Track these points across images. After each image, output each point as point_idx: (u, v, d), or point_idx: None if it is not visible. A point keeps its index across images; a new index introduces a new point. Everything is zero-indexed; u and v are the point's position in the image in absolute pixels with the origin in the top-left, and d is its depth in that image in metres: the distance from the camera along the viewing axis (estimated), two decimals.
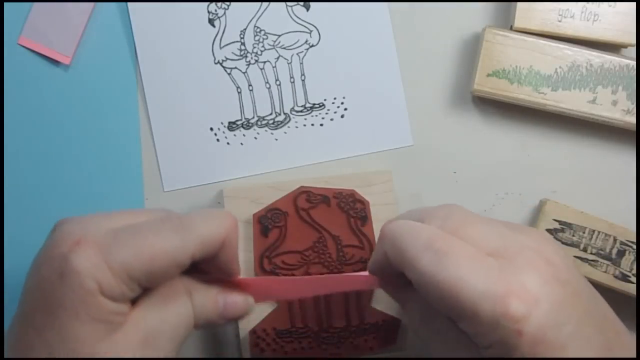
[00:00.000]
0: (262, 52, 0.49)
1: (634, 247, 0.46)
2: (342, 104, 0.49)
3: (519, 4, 0.47)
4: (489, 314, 0.32)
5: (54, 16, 0.48)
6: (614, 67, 0.46)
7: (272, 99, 0.49)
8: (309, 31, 0.49)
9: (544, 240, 0.36)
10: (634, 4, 0.47)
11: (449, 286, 0.32)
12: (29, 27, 0.48)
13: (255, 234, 0.47)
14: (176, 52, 0.49)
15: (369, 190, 0.47)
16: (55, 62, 0.49)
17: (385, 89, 0.49)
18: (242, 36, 0.49)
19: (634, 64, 0.46)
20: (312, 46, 0.49)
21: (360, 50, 0.49)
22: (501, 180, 0.50)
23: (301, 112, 0.49)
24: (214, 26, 0.49)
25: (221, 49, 0.49)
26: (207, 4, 0.49)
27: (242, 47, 0.49)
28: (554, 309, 0.32)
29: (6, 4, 0.48)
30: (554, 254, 0.35)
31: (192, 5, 0.49)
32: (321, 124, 0.49)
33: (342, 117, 0.49)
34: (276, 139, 0.49)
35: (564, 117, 0.48)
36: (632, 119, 0.46)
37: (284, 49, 0.49)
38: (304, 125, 0.49)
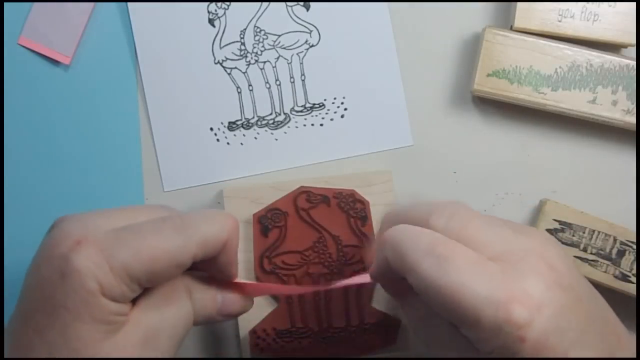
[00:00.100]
0: (262, 52, 0.49)
1: (634, 247, 0.46)
2: (342, 104, 0.49)
3: (519, 4, 0.47)
4: (492, 320, 0.31)
5: (54, 16, 0.48)
6: (614, 67, 0.46)
7: (272, 99, 0.49)
8: (309, 31, 0.49)
9: (547, 243, 0.36)
10: (634, 4, 0.46)
11: (450, 292, 0.32)
12: (29, 27, 0.48)
13: (255, 234, 0.47)
14: (176, 52, 0.49)
15: (369, 190, 0.47)
16: (55, 62, 0.48)
17: (385, 88, 0.49)
18: (242, 36, 0.49)
19: (634, 64, 0.46)
20: (312, 46, 0.49)
21: (360, 50, 0.49)
22: (501, 180, 0.50)
23: (301, 112, 0.49)
24: (214, 26, 0.49)
25: (221, 49, 0.49)
26: (207, 4, 0.49)
27: (242, 47, 0.49)
28: (556, 315, 0.32)
29: (6, 4, 0.48)
30: (557, 258, 0.34)
31: (192, 5, 0.49)
32: (321, 124, 0.49)
33: (342, 117, 0.49)
34: (276, 139, 0.49)
35: (564, 117, 0.48)
36: (632, 119, 0.46)
37: (284, 49, 0.49)
38: (304, 125, 0.49)
